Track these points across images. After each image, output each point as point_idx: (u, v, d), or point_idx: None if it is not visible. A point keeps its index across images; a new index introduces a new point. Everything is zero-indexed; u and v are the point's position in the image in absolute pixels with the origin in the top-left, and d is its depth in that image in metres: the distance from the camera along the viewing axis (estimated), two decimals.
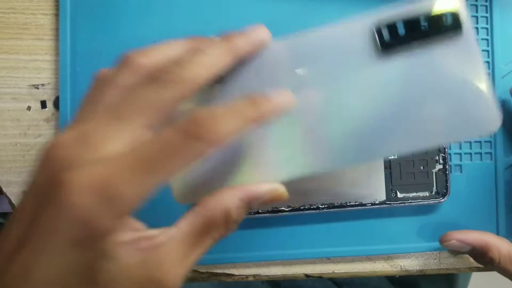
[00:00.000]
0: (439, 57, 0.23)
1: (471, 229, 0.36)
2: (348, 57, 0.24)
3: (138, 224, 0.22)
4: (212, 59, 0.22)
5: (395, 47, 0.23)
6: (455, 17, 0.23)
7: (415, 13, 0.23)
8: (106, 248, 0.19)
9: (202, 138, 0.19)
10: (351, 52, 0.24)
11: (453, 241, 0.34)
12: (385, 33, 0.23)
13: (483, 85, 0.23)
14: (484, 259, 0.34)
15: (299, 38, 0.25)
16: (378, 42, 0.23)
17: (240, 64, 0.24)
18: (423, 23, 0.23)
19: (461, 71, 0.23)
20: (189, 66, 0.21)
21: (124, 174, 0.18)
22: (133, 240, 0.20)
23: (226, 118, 0.20)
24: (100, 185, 0.18)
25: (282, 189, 0.24)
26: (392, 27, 0.23)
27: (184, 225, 0.21)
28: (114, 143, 0.20)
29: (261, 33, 0.25)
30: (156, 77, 0.21)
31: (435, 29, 0.23)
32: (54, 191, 0.18)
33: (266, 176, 0.24)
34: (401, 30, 0.23)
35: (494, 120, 0.24)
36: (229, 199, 0.22)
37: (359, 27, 0.24)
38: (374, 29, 0.23)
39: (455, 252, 0.37)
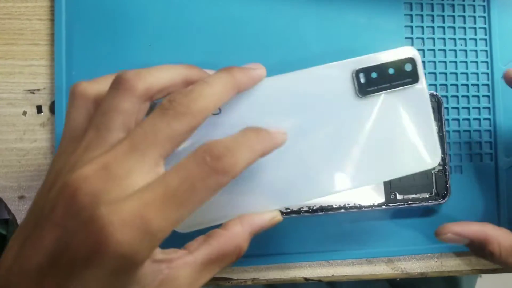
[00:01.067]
0: (400, 98, 0.29)
1: (470, 221, 0.33)
2: (331, 94, 0.29)
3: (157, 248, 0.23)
4: (218, 92, 0.24)
5: (369, 89, 0.29)
6: (413, 66, 0.29)
7: (384, 61, 0.29)
8: (138, 273, 0.21)
9: (223, 171, 0.21)
10: (335, 90, 0.29)
11: (449, 235, 0.32)
12: (362, 78, 0.29)
13: (431, 124, 0.29)
14: (483, 252, 0.32)
15: (289, 76, 0.29)
16: (356, 84, 0.29)
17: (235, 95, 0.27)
18: (390, 70, 0.29)
19: (413, 112, 0.29)
20: (199, 99, 0.23)
21: (156, 209, 0.20)
22: (154, 264, 0.22)
23: (240, 151, 0.22)
24: (137, 221, 0.19)
25: (279, 216, 0.27)
26: (367, 72, 0.29)
27: (200, 255, 0.24)
28: (138, 177, 0.21)
29: (259, 70, 0.27)
30: (167, 108, 0.22)
31: (398, 74, 0.29)
32: (92, 228, 0.19)
33: (261, 205, 0.28)
34: (374, 75, 0.29)
35: (436, 156, 0.29)
36: (240, 235, 0.25)
37: (341, 71, 0.29)
38: (353, 73, 0.29)
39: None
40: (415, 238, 0.36)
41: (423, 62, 0.37)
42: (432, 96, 0.34)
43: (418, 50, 0.37)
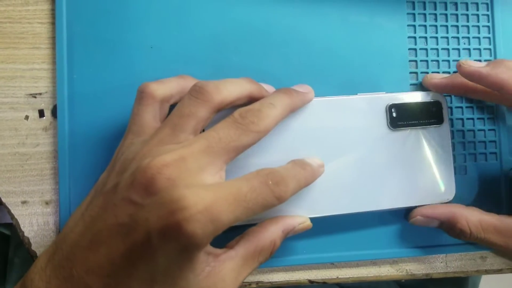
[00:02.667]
0: (425, 135, 0.34)
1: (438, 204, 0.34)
2: (365, 123, 0.33)
3: None
4: (280, 114, 0.28)
5: (399, 123, 0.33)
6: (439, 109, 0.34)
7: (415, 101, 0.34)
8: (194, 259, 0.24)
9: (278, 196, 0.25)
10: (369, 120, 0.33)
11: (419, 217, 0.34)
12: (394, 112, 0.33)
13: (450, 163, 0.34)
14: (454, 232, 0.33)
15: (329, 101, 0.33)
16: (389, 117, 0.33)
17: None
18: (419, 109, 0.34)
19: (436, 149, 0.34)
20: (265, 119, 0.27)
21: (228, 204, 0.23)
22: (205, 255, 0.25)
23: (291, 182, 0.27)
24: (210, 209, 0.22)
25: (309, 222, 0.31)
26: (399, 108, 0.33)
27: (240, 250, 0.27)
28: (207, 175, 0.25)
29: (311, 94, 0.32)
30: (240, 122, 0.26)
31: (426, 114, 0.34)
32: (171, 207, 0.22)
33: (294, 212, 0.31)
34: (405, 111, 0.33)
35: (451, 192, 0.34)
36: (275, 231, 0.29)
37: (376, 104, 0.33)
38: (387, 107, 0.33)
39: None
40: (420, 239, 0.36)
41: (426, 61, 0.37)
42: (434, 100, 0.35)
43: (421, 49, 0.37)
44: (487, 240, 0.33)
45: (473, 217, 0.33)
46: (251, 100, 0.29)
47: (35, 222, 0.33)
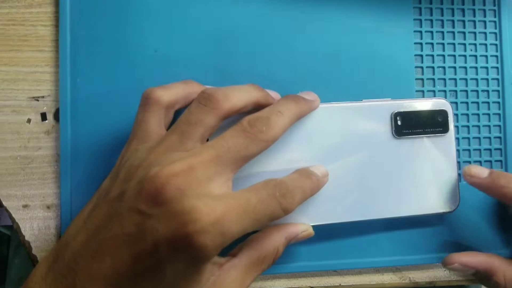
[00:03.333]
0: (429, 144, 0.34)
1: (476, 250, 0.34)
2: (370, 131, 0.33)
3: None
4: (288, 121, 0.28)
5: (404, 131, 0.33)
6: (445, 118, 0.34)
7: (420, 109, 0.33)
8: (201, 269, 0.24)
9: (285, 208, 0.25)
10: (374, 127, 0.33)
11: (456, 265, 0.33)
12: (399, 120, 0.33)
13: (454, 173, 0.34)
14: (489, 283, 0.33)
15: (334, 107, 0.32)
16: (393, 125, 0.33)
17: None
18: (424, 118, 0.33)
19: (440, 159, 0.34)
20: (274, 128, 0.26)
21: (237, 216, 0.23)
22: (210, 265, 0.25)
23: (297, 193, 0.27)
24: (220, 221, 0.22)
25: (311, 230, 0.31)
26: (404, 117, 0.33)
27: (244, 258, 0.27)
28: (216, 185, 0.24)
29: (317, 102, 0.31)
30: (248, 131, 0.26)
31: (431, 123, 0.33)
32: (181, 219, 0.22)
33: (296, 220, 0.31)
34: (410, 120, 0.33)
35: (455, 202, 0.34)
36: (278, 239, 0.29)
37: (382, 111, 0.33)
38: (392, 115, 0.33)
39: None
40: (424, 247, 0.36)
41: (432, 68, 0.37)
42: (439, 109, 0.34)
43: (427, 55, 0.37)
44: None
45: (510, 273, 0.32)
46: (257, 107, 0.29)
47: (36, 226, 0.33)
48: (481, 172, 0.33)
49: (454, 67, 0.37)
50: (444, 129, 0.34)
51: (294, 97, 0.30)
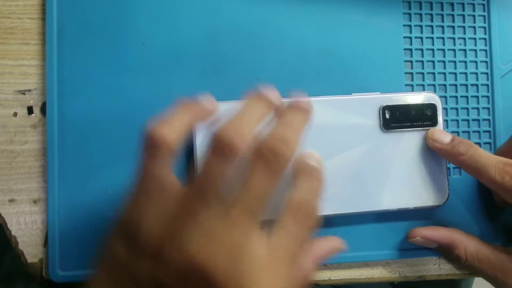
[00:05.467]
0: (418, 137, 0.33)
1: (440, 226, 0.35)
2: (358, 124, 0.33)
3: None
4: (301, 137, 0.26)
5: (392, 124, 0.33)
6: (434, 111, 0.34)
7: (408, 102, 0.33)
8: None
9: (314, 226, 0.25)
10: (362, 121, 0.33)
11: (418, 238, 0.34)
12: (388, 114, 0.33)
13: (443, 167, 0.34)
14: (451, 256, 0.34)
15: (324, 101, 0.33)
16: (381, 118, 0.33)
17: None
18: (413, 111, 0.33)
19: (429, 152, 0.33)
20: (293, 147, 0.24)
21: (284, 280, 0.23)
22: None
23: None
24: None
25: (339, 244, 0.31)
26: (392, 110, 0.33)
27: None
28: (256, 240, 0.23)
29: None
30: (271, 160, 0.23)
31: (420, 117, 0.33)
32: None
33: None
34: (398, 113, 0.33)
35: (443, 195, 0.34)
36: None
37: (370, 105, 0.33)
38: (380, 109, 0.33)
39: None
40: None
41: (421, 62, 0.37)
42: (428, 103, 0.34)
43: (417, 49, 0.37)
44: (479, 269, 0.33)
45: (471, 247, 0.33)
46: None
47: (23, 220, 0.32)
48: (443, 137, 0.33)
49: (444, 61, 0.37)
50: (433, 122, 0.34)
51: (301, 108, 0.27)
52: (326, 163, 0.31)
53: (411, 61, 0.37)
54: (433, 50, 0.37)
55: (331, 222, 0.34)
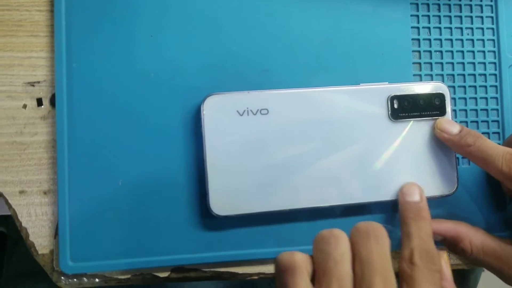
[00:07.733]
0: (427, 127, 0.33)
1: (445, 219, 0.35)
2: (366, 114, 0.33)
3: None
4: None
5: (400, 114, 0.33)
6: (442, 100, 0.34)
7: (417, 92, 0.33)
8: None
9: None
10: (370, 111, 0.33)
11: None
12: (396, 103, 0.33)
13: (452, 156, 0.34)
14: (456, 249, 0.34)
15: (334, 90, 0.33)
16: (390, 108, 0.33)
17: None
18: (421, 101, 0.33)
19: (437, 142, 0.33)
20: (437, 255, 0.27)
21: None
22: None
23: None
24: None
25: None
26: (401, 100, 0.33)
27: None
28: None
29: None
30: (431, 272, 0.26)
31: (428, 106, 0.33)
32: None
33: (292, 202, 0.32)
34: (406, 103, 0.33)
35: (452, 185, 0.34)
36: None
37: (378, 95, 0.33)
38: (389, 98, 0.33)
39: None
40: None
41: (429, 52, 0.37)
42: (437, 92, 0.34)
43: (424, 39, 0.37)
44: (485, 262, 0.33)
45: (477, 240, 0.33)
46: None
47: (33, 212, 0.32)
48: (452, 128, 0.33)
49: (451, 51, 0.37)
50: (442, 112, 0.34)
51: (422, 217, 0.30)
52: (334, 154, 0.32)
53: (419, 51, 0.36)
54: (441, 40, 0.37)
55: (338, 213, 0.34)
